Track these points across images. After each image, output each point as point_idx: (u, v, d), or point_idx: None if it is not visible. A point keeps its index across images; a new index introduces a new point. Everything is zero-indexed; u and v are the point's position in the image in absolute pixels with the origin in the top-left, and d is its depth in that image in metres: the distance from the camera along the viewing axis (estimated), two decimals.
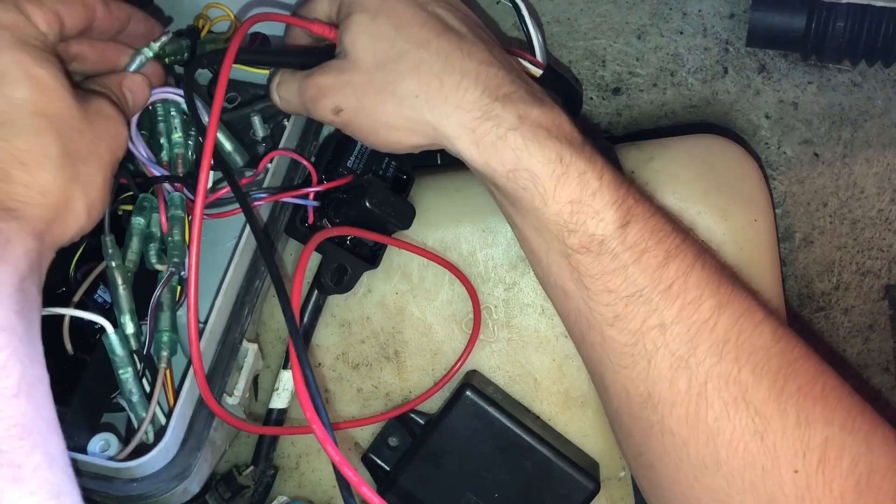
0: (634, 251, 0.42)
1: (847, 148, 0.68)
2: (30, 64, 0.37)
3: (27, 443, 0.31)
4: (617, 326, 0.43)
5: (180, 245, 0.47)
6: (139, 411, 0.45)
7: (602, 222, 0.42)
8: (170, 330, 0.46)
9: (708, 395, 0.41)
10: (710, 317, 0.42)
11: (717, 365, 0.41)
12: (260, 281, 0.51)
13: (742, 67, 0.68)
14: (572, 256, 0.43)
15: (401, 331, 0.56)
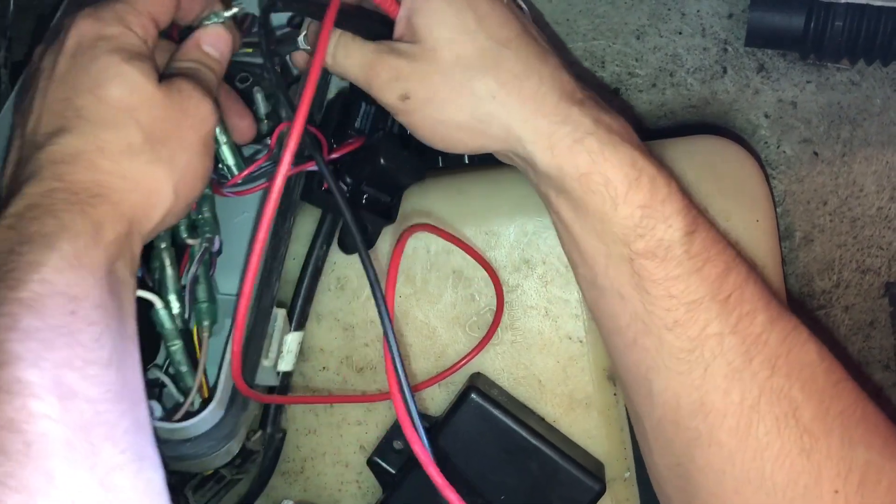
0: (698, 259, 0.43)
1: (846, 146, 0.68)
2: (119, 65, 0.40)
3: (119, 407, 0.35)
4: (676, 332, 0.43)
5: (211, 221, 0.49)
6: (188, 380, 0.46)
7: (670, 228, 0.43)
8: (208, 301, 0.48)
9: (761, 409, 0.41)
10: (762, 331, 0.42)
11: (769, 379, 0.42)
12: (283, 247, 0.53)
13: (741, 67, 0.68)
14: (636, 261, 0.43)
15: (404, 334, 0.56)
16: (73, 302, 0.34)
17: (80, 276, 0.35)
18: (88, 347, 0.34)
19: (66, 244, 0.35)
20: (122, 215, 0.38)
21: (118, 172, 0.38)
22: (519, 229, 0.56)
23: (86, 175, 0.38)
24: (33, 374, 0.32)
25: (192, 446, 0.45)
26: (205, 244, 0.48)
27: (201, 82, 0.44)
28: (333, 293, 0.57)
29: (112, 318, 0.36)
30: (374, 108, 0.55)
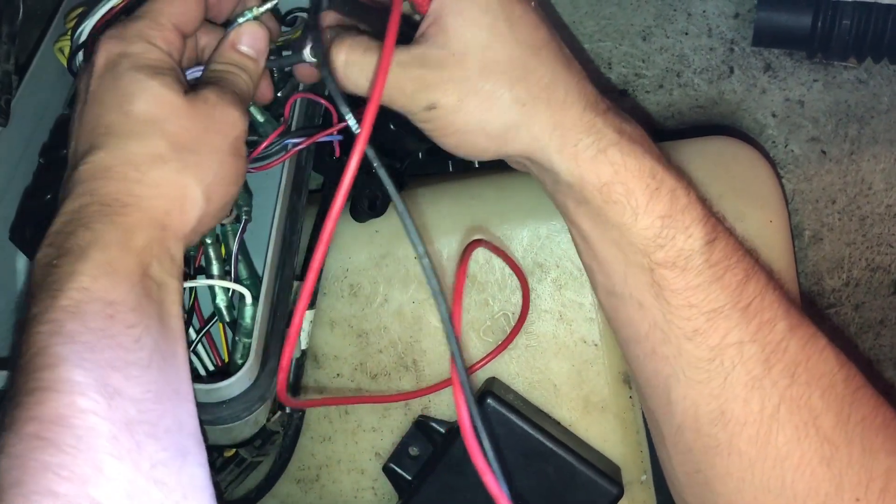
0: (718, 268, 0.43)
1: (854, 145, 0.68)
2: (143, 81, 0.41)
3: (160, 407, 0.36)
4: (695, 341, 0.42)
5: (246, 196, 0.51)
6: None
7: (690, 238, 0.42)
8: (249, 276, 0.51)
9: (780, 418, 0.41)
10: (782, 339, 0.42)
11: (789, 388, 0.41)
12: (300, 222, 0.53)
13: (748, 67, 0.69)
14: (656, 271, 0.43)
15: (419, 340, 0.56)
16: (110, 307, 0.36)
17: (114, 281, 0.37)
18: (128, 349, 0.36)
19: (99, 253, 0.37)
20: (153, 221, 0.39)
21: (147, 181, 0.39)
22: (532, 233, 0.56)
23: (116, 187, 0.39)
24: (79, 374, 0.34)
25: (227, 408, 0.46)
26: (244, 216, 0.50)
27: (232, 86, 0.44)
28: (347, 300, 0.57)
29: (151, 320, 0.38)
30: None
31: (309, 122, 0.54)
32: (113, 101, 0.41)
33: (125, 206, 0.38)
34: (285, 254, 0.51)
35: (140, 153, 0.40)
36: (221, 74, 0.44)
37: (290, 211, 0.52)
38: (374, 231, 0.57)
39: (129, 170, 0.39)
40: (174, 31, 0.43)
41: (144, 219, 0.39)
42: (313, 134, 0.52)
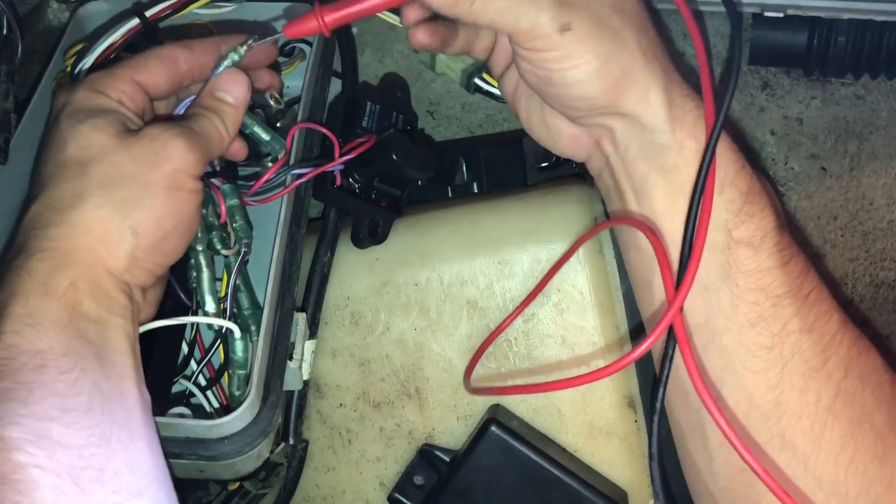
0: (785, 254, 0.43)
1: (854, 161, 0.68)
2: (75, 126, 0.42)
3: (105, 450, 0.36)
4: (758, 327, 0.42)
5: (246, 229, 0.51)
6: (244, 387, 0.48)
7: (766, 219, 0.43)
8: (251, 307, 0.51)
9: (836, 410, 0.41)
10: (837, 331, 0.42)
11: (844, 380, 0.41)
12: (299, 252, 0.53)
13: (745, 85, 0.68)
14: (733, 250, 0.42)
15: (421, 367, 0.56)
16: (38, 356, 0.36)
17: (38, 331, 0.37)
18: (64, 395, 0.36)
19: (18, 307, 0.37)
20: (75, 261, 0.39)
21: (67, 222, 0.40)
22: (532, 257, 0.55)
23: (39, 234, 0.40)
24: (14, 431, 0.34)
25: (229, 444, 0.45)
26: (244, 249, 0.50)
27: (191, 124, 0.44)
28: (348, 329, 0.57)
29: (87, 361, 0.37)
30: (379, 108, 0.57)
31: (308, 153, 0.54)
32: (50, 152, 0.42)
33: (45, 252, 0.39)
34: (285, 286, 0.51)
35: (64, 196, 0.40)
36: (190, 115, 0.45)
37: (290, 242, 0.52)
38: (374, 259, 0.57)
39: (51, 214, 0.40)
40: (130, 83, 0.44)
41: (65, 260, 0.39)
42: (315, 166, 0.52)
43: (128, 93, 0.44)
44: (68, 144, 0.41)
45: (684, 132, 0.43)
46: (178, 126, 0.43)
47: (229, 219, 0.50)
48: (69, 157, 0.41)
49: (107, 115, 0.42)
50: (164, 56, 0.46)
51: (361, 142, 0.54)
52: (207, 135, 0.45)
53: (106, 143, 0.41)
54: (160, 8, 0.53)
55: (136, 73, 0.45)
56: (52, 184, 0.41)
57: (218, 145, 0.46)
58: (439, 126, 0.71)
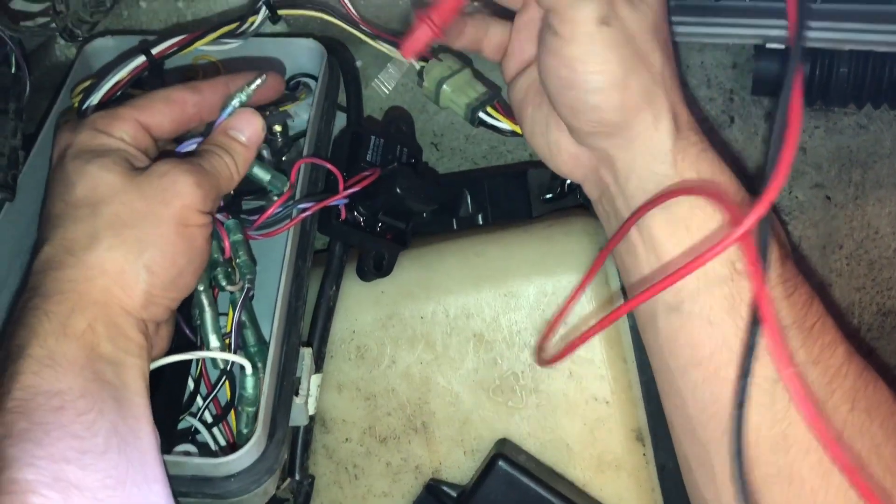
0: (789, 285, 0.42)
1: (858, 189, 0.68)
2: (82, 167, 0.42)
3: (121, 493, 0.36)
4: (763, 359, 0.41)
5: (250, 265, 0.51)
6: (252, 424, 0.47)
7: (769, 250, 0.42)
8: (256, 343, 0.51)
9: (843, 445, 0.40)
10: (842, 363, 0.42)
11: (851, 413, 0.41)
12: (305, 286, 0.54)
13: (748, 115, 0.69)
14: (736, 282, 0.42)
15: (427, 401, 0.55)
16: (57, 397, 0.37)
17: (57, 372, 0.37)
18: (82, 437, 0.36)
19: (37, 348, 0.38)
20: (92, 302, 0.40)
21: (83, 264, 0.40)
22: (538, 290, 0.55)
23: (55, 276, 0.40)
24: (30, 473, 0.34)
25: (235, 482, 0.45)
26: (247, 285, 0.50)
27: (200, 161, 0.45)
28: (354, 362, 0.56)
29: (105, 403, 0.38)
30: (384, 141, 0.57)
31: (313, 187, 0.55)
32: (57, 192, 0.43)
33: (62, 294, 0.39)
34: (291, 321, 0.51)
35: (76, 237, 0.41)
36: (200, 152, 0.45)
37: (296, 277, 0.52)
38: (379, 292, 0.57)
39: (65, 256, 0.40)
40: (133, 124, 0.45)
41: (82, 302, 0.39)
42: (320, 200, 0.52)
43: (131, 133, 0.45)
44: (77, 186, 0.42)
45: (686, 164, 0.43)
46: (186, 162, 0.44)
47: (233, 254, 0.51)
48: (78, 198, 0.42)
49: (112, 155, 0.43)
50: (172, 99, 0.47)
51: (366, 175, 0.54)
52: (217, 172, 0.45)
53: (115, 182, 0.42)
54: (166, 45, 0.53)
55: (141, 114, 0.45)
56: (64, 225, 0.41)
57: (227, 183, 0.46)
58: (443, 158, 0.72)
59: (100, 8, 0.55)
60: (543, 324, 0.55)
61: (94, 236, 0.41)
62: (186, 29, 0.56)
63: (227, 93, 0.48)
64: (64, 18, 0.55)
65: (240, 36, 0.55)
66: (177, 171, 0.43)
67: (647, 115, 0.43)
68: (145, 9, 0.66)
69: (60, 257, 0.40)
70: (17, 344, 0.38)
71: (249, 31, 0.56)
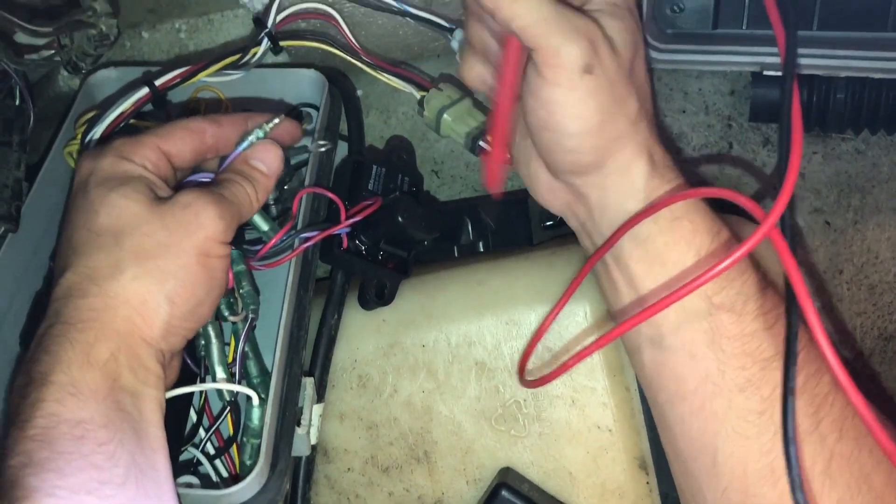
0: (770, 316, 0.42)
1: (857, 214, 0.68)
2: (106, 195, 0.42)
3: None
4: (747, 392, 0.42)
5: (253, 295, 0.51)
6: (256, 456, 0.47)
7: (747, 282, 0.42)
8: (259, 374, 0.51)
9: (832, 473, 0.40)
10: (829, 392, 0.41)
11: (839, 442, 0.40)
12: (307, 316, 0.53)
13: (746, 142, 0.69)
14: (714, 315, 0.42)
15: (430, 430, 0.55)
16: (79, 427, 0.37)
17: (80, 401, 0.37)
18: (102, 468, 0.36)
19: (61, 375, 0.38)
20: (115, 332, 0.40)
21: (106, 293, 0.40)
22: (540, 318, 0.55)
23: (77, 304, 0.40)
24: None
25: None
26: (251, 315, 0.50)
27: (222, 190, 0.45)
28: (355, 391, 0.56)
29: (126, 434, 0.38)
30: (385, 170, 0.57)
31: (315, 216, 0.55)
32: (80, 219, 0.43)
33: (85, 322, 0.39)
34: (293, 351, 0.51)
35: (99, 266, 0.41)
36: (220, 180, 0.46)
37: (298, 307, 0.52)
38: (381, 320, 0.57)
39: (89, 285, 0.40)
40: (155, 151, 0.45)
41: (105, 331, 0.39)
42: (322, 229, 0.52)
43: (152, 160, 0.45)
44: (100, 213, 0.42)
45: (660, 199, 0.43)
46: (209, 193, 0.44)
47: (236, 285, 0.51)
48: (102, 225, 0.42)
49: (136, 183, 0.43)
50: (193, 128, 0.47)
51: (367, 204, 0.54)
52: (238, 202, 0.46)
53: (138, 211, 0.42)
54: (170, 77, 0.54)
55: (163, 142, 0.46)
56: (87, 253, 0.41)
57: (248, 212, 0.47)
58: (444, 185, 0.72)
59: (103, 42, 0.56)
60: (546, 352, 0.55)
61: (118, 266, 0.41)
62: (189, 60, 0.57)
63: (245, 128, 0.49)
64: (68, 52, 0.55)
65: (242, 67, 0.56)
66: (200, 203, 0.43)
67: (620, 157, 0.43)
68: (147, 40, 0.66)
69: (84, 285, 0.40)
70: (39, 370, 0.38)
71: (252, 63, 0.56)
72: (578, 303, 0.54)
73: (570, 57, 0.40)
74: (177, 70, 0.54)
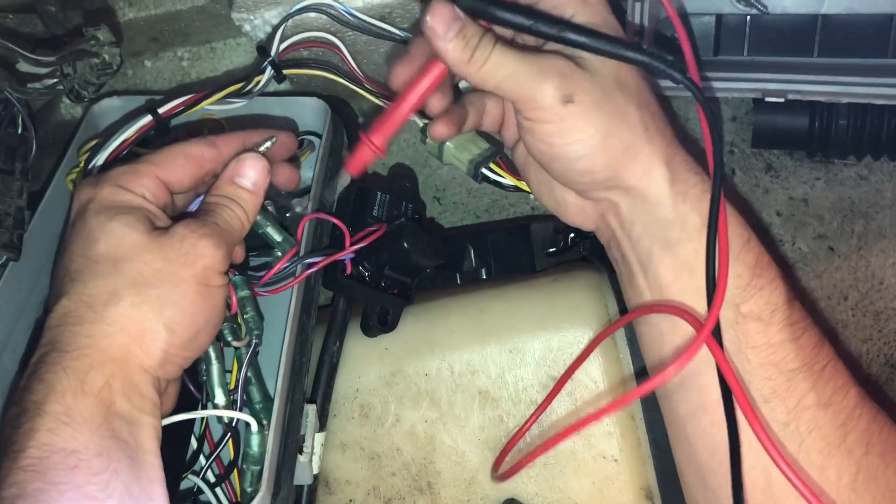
0: (797, 328, 0.42)
1: (861, 240, 0.68)
2: (105, 223, 0.42)
3: None
4: (772, 403, 0.41)
5: (257, 320, 0.50)
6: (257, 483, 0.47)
7: (775, 292, 0.42)
8: (262, 400, 0.50)
9: (858, 488, 0.40)
10: (856, 405, 0.41)
11: (865, 457, 0.40)
12: (309, 343, 0.53)
13: (749, 167, 0.69)
14: (741, 324, 0.42)
15: (433, 461, 0.55)
16: (73, 456, 0.36)
17: (74, 430, 0.37)
18: (96, 498, 0.36)
19: (55, 404, 0.37)
20: (111, 359, 0.39)
21: (103, 320, 0.40)
22: (544, 345, 0.55)
23: (73, 331, 0.40)
24: None
25: None
26: (255, 341, 0.50)
27: (215, 218, 0.45)
28: (357, 421, 0.56)
29: (121, 462, 0.37)
30: (389, 197, 0.57)
31: (318, 242, 0.55)
32: (78, 247, 0.42)
33: (80, 349, 0.39)
34: (295, 377, 0.50)
35: (97, 293, 0.40)
36: (211, 206, 0.45)
37: (300, 333, 0.51)
38: (383, 348, 0.56)
39: (85, 311, 0.40)
40: (154, 180, 0.45)
41: (101, 358, 0.39)
42: (326, 255, 0.52)
43: (151, 189, 0.45)
44: (99, 241, 0.42)
45: (687, 206, 0.43)
46: (203, 225, 0.44)
47: (240, 310, 0.50)
48: (100, 253, 0.41)
49: (135, 213, 0.43)
50: (190, 154, 0.47)
51: (372, 230, 0.54)
52: (231, 227, 0.45)
53: (137, 240, 0.42)
54: (172, 105, 0.54)
55: (161, 170, 0.45)
56: (84, 280, 0.41)
57: (240, 234, 0.46)
58: (446, 211, 0.72)
59: (106, 70, 0.56)
60: (549, 380, 0.55)
61: (116, 293, 0.40)
62: (191, 88, 0.57)
63: (241, 148, 0.49)
64: (71, 80, 0.55)
65: (245, 95, 0.56)
66: (198, 235, 0.43)
67: (636, 167, 0.43)
68: (150, 68, 0.67)
69: (80, 312, 0.40)
70: (33, 399, 0.38)
71: (255, 91, 0.56)
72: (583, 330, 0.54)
73: (545, 97, 0.42)
74: (180, 98, 0.54)
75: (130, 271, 0.41)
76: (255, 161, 0.47)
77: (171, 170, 0.46)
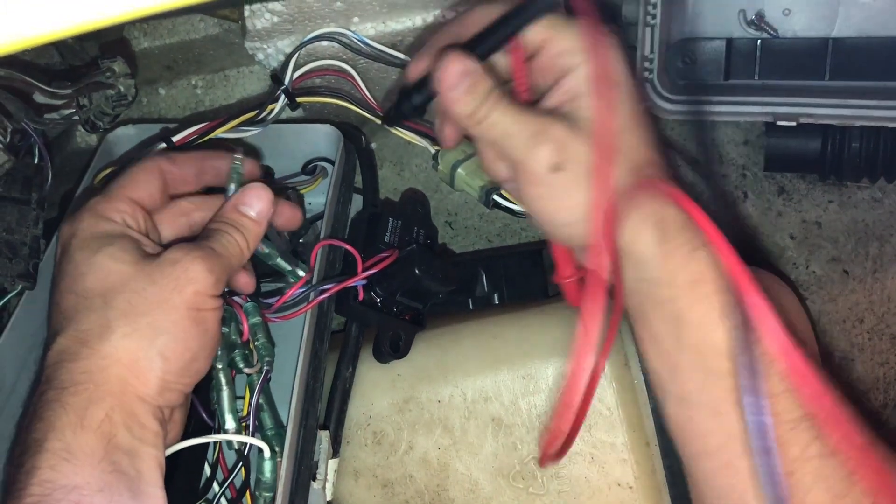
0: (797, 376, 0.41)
1: (876, 263, 0.68)
2: (90, 258, 0.42)
3: None
4: None
5: (269, 347, 0.50)
6: None
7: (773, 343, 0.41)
8: (274, 426, 0.50)
9: None
10: (864, 452, 0.40)
11: None
12: (322, 368, 0.53)
13: (761, 191, 0.69)
14: (739, 374, 0.41)
15: (446, 488, 0.54)
16: (74, 492, 0.36)
17: (75, 466, 0.37)
18: None
19: (55, 441, 0.38)
20: (108, 392, 0.39)
21: (98, 354, 0.40)
22: (557, 371, 0.55)
23: (70, 367, 0.40)
24: None
25: None
26: (266, 367, 0.50)
27: (213, 243, 0.45)
28: (370, 448, 0.55)
29: (122, 495, 0.37)
30: (401, 223, 0.58)
31: (331, 269, 0.55)
32: (67, 284, 0.43)
33: (77, 385, 0.39)
34: (308, 404, 0.50)
35: (90, 328, 0.41)
36: (210, 232, 0.46)
37: (313, 358, 0.51)
38: (396, 375, 0.56)
39: (80, 348, 0.40)
40: (127, 202, 0.45)
41: (99, 392, 0.39)
42: (339, 281, 0.52)
43: (129, 212, 0.45)
44: (87, 277, 0.42)
45: (675, 264, 0.42)
46: (197, 248, 0.44)
47: (252, 337, 0.50)
48: (89, 288, 0.42)
49: (119, 241, 0.43)
50: (148, 168, 0.47)
51: (384, 256, 0.54)
52: (228, 253, 0.45)
53: (125, 270, 0.42)
54: (186, 133, 0.54)
55: (130, 190, 0.46)
56: (76, 317, 0.41)
57: (238, 261, 0.46)
58: (458, 236, 0.72)
59: (121, 101, 0.57)
60: None
61: (108, 326, 0.41)
62: (204, 116, 0.57)
63: (202, 165, 0.49)
64: (87, 111, 0.56)
65: (259, 123, 0.56)
66: (189, 258, 0.43)
67: (623, 232, 0.43)
68: (164, 96, 0.68)
69: (75, 349, 0.40)
70: (34, 438, 0.38)
71: (269, 119, 0.57)
72: None
73: (535, 163, 0.42)
74: (194, 126, 0.55)
75: (121, 302, 0.41)
76: (261, 191, 0.48)
77: (137, 188, 0.46)
